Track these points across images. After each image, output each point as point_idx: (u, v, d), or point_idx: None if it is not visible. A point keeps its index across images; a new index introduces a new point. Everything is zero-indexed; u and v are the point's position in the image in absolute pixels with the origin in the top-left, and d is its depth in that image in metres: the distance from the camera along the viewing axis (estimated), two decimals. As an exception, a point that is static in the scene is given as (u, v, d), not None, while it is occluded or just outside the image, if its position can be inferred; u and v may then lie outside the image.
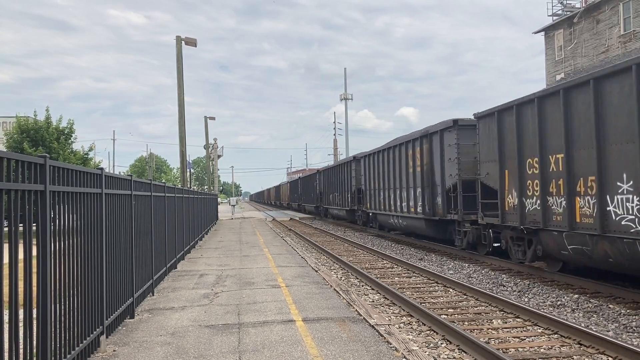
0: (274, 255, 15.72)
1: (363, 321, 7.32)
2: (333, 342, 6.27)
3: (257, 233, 25.49)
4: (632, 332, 7.39)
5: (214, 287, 10.37)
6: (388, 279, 12.19)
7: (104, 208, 6.24)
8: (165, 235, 11.25)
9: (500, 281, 11.50)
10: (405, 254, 16.81)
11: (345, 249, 18.93)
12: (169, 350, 6.12)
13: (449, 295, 10.24)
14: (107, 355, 5.92)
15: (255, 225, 32.85)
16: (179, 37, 27.89)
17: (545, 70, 37.51)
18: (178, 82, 27.87)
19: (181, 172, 30.18)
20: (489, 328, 7.68)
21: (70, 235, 5.07)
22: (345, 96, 76.53)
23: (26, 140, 27.11)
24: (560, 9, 35.85)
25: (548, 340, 7.00)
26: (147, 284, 9.00)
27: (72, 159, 27.95)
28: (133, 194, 7.87)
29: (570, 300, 9.44)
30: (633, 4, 29.53)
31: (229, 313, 7.99)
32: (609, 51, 30.87)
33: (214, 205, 34.52)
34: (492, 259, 13.98)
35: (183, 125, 28.17)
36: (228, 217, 44.99)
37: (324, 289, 9.86)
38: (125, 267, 7.37)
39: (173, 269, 12.69)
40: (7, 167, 3.67)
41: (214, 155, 57.68)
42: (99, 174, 6.04)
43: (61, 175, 4.81)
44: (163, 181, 21.69)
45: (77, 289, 5.20)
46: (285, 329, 6.95)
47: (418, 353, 5.88)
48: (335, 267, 14.34)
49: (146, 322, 7.52)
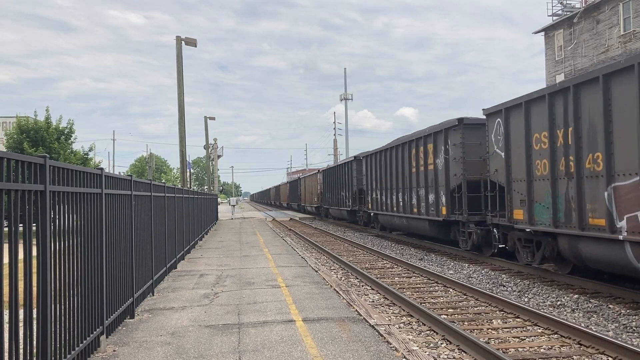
0: (274, 255, 15.72)
1: (363, 321, 7.32)
2: (333, 342, 6.27)
3: (257, 233, 25.49)
4: (632, 332, 7.39)
5: (214, 287, 10.37)
6: (388, 279, 12.19)
7: (104, 208, 6.24)
8: (165, 236, 11.25)
9: (500, 281, 11.50)
10: (405, 254, 16.81)
11: (345, 249, 18.93)
12: (169, 350, 6.12)
13: (449, 295, 10.24)
14: (107, 355, 5.92)
15: (255, 225, 32.85)
16: (179, 37, 27.88)
17: (546, 71, 37.53)
18: (178, 82, 27.86)
19: (181, 172, 30.18)
20: (489, 328, 7.68)
21: (70, 235, 5.07)
22: (345, 96, 76.56)
23: (26, 141, 27.10)
24: (560, 9, 35.87)
25: (548, 340, 7.00)
26: (147, 284, 9.00)
27: (72, 159, 27.95)
28: (133, 194, 7.86)
29: (570, 300, 9.44)
30: (633, 4, 29.54)
31: (229, 313, 7.99)
32: (609, 51, 30.87)
33: (214, 205, 34.52)
34: (492, 260, 13.97)
35: (183, 125, 28.17)
36: (228, 217, 44.99)
37: (324, 289, 9.86)
38: (125, 267, 7.37)
39: (173, 269, 12.70)
40: (7, 167, 3.67)
41: (214, 155, 57.69)
42: (98, 174, 6.04)
43: (61, 176, 4.81)
44: (163, 181, 21.70)
45: (77, 289, 5.20)
46: (285, 329, 6.95)
47: (418, 353, 5.88)
48: (335, 267, 14.34)
49: (146, 322, 7.52)
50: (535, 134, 11.32)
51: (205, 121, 49.37)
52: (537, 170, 11.28)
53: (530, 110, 11.49)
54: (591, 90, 9.50)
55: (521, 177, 11.88)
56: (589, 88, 9.56)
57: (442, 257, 15.87)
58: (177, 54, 27.76)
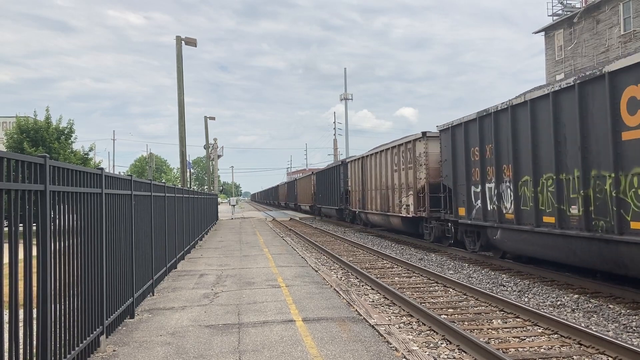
0: (274, 255, 15.72)
1: (363, 321, 7.32)
2: (333, 342, 6.27)
3: (257, 233, 25.49)
4: (632, 332, 7.39)
5: (214, 287, 10.37)
6: (388, 278, 12.19)
7: (104, 208, 6.23)
8: (165, 235, 11.25)
9: (500, 281, 11.50)
10: (405, 254, 16.81)
11: (345, 249, 18.93)
12: (169, 350, 6.11)
13: (449, 295, 10.24)
14: (107, 355, 5.92)
15: (255, 225, 32.85)
16: (179, 37, 27.86)
17: (546, 71, 37.52)
18: (178, 82, 27.85)
19: (181, 172, 30.18)
20: (489, 328, 7.67)
21: (70, 235, 5.07)
22: (345, 96, 76.50)
23: (26, 141, 27.10)
24: (560, 9, 35.84)
25: (548, 340, 7.00)
26: (147, 284, 9.00)
27: (72, 159, 27.94)
28: (133, 194, 7.86)
29: (570, 300, 9.44)
30: (633, 4, 29.52)
31: (229, 313, 7.99)
32: (609, 51, 30.87)
33: (214, 205, 34.52)
34: (488, 258, 14.00)
35: (183, 125, 28.16)
36: (228, 217, 44.98)
37: (324, 289, 9.86)
38: (125, 267, 7.37)
39: (173, 269, 12.69)
40: (7, 167, 3.67)
41: (214, 155, 57.66)
42: (99, 174, 6.04)
43: (61, 175, 4.80)
44: (163, 181, 21.68)
45: (77, 289, 5.20)
46: (285, 329, 6.95)
47: (418, 353, 5.87)
48: (335, 267, 14.34)
49: (146, 322, 7.52)
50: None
51: (205, 121, 49.38)
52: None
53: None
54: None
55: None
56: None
57: (442, 257, 15.89)
58: (177, 53, 27.75)
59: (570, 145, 10.10)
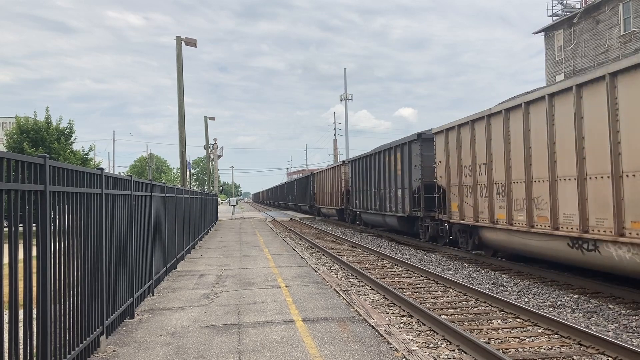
0: (274, 255, 15.71)
1: (363, 321, 7.32)
2: (333, 343, 6.27)
3: (257, 233, 25.48)
4: (632, 332, 7.39)
5: (214, 287, 10.37)
6: (388, 279, 12.18)
7: (104, 208, 6.23)
8: (165, 236, 11.25)
9: (500, 281, 11.50)
10: (405, 254, 16.81)
11: (345, 249, 18.93)
12: (169, 350, 6.11)
13: (449, 295, 10.24)
14: (107, 356, 5.92)
15: (255, 225, 32.84)
16: (179, 37, 27.87)
17: (545, 71, 37.52)
18: (178, 82, 27.85)
19: (181, 173, 30.18)
20: (489, 328, 7.67)
21: (70, 235, 5.07)
22: (345, 96, 76.45)
23: (26, 141, 27.08)
24: (560, 9, 35.84)
25: (548, 340, 7.00)
26: (147, 284, 9.00)
27: (72, 159, 27.91)
28: (133, 194, 7.86)
29: (570, 300, 9.44)
30: (633, 4, 29.53)
31: (229, 313, 7.99)
32: (609, 51, 30.87)
33: (214, 205, 34.50)
34: (489, 259, 13.99)
35: (183, 125, 28.16)
36: (228, 217, 44.96)
37: (324, 289, 9.86)
38: (125, 267, 7.37)
39: (173, 269, 12.69)
40: (7, 167, 3.67)
41: (214, 155, 57.67)
42: (98, 174, 6.04)
43: (61, 176, 4.80)
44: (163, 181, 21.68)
45: (77, 289, 5.20)
46: (285, 329, 6.95)
47: (418, 353, 5.87)
48: (335, 267, 14.33)
49: (146, 322, 7.52)
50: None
51: (205, 121, 49.38)
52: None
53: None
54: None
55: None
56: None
57: (442, 257, 15.88)
58: (177, 54, 27.75)
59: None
